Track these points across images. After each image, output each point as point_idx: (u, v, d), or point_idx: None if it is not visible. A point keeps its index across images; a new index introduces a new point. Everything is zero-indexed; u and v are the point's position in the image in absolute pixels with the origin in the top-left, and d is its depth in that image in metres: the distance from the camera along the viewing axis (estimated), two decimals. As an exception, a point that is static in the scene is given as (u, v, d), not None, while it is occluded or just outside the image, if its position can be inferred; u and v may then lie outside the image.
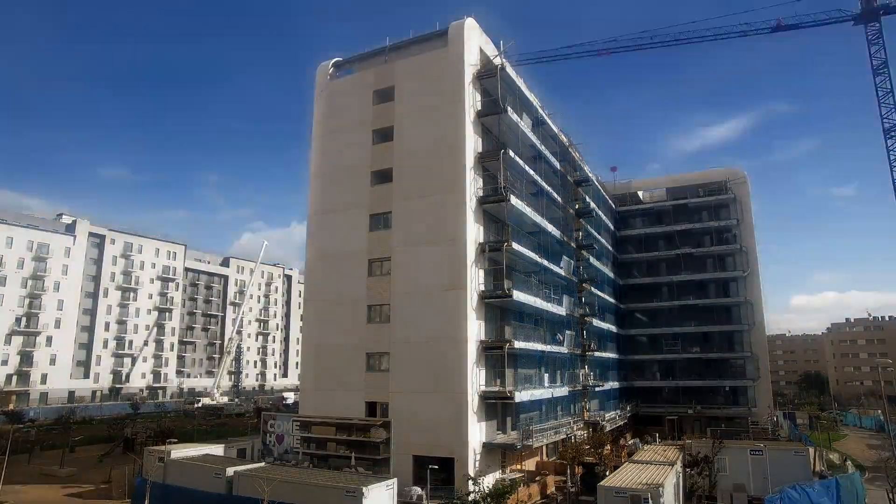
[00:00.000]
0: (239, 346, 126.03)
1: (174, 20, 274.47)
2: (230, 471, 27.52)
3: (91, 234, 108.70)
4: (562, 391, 46.20)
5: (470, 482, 28.76)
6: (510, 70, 41.48)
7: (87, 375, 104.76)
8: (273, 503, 24.63)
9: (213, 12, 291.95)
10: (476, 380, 35.27)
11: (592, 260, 58.76)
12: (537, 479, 37.10)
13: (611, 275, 68.92)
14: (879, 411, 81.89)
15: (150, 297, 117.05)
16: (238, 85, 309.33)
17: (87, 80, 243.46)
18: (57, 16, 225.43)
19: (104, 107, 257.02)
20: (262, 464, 29.42)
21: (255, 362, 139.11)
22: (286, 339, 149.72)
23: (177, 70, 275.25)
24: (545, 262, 42.67)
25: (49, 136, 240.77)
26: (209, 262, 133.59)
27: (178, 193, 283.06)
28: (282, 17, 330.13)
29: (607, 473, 34.75)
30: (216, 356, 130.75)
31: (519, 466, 38.02)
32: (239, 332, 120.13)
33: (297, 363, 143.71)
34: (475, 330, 35.92)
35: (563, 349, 47.21)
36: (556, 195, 48.88)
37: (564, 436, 45.34)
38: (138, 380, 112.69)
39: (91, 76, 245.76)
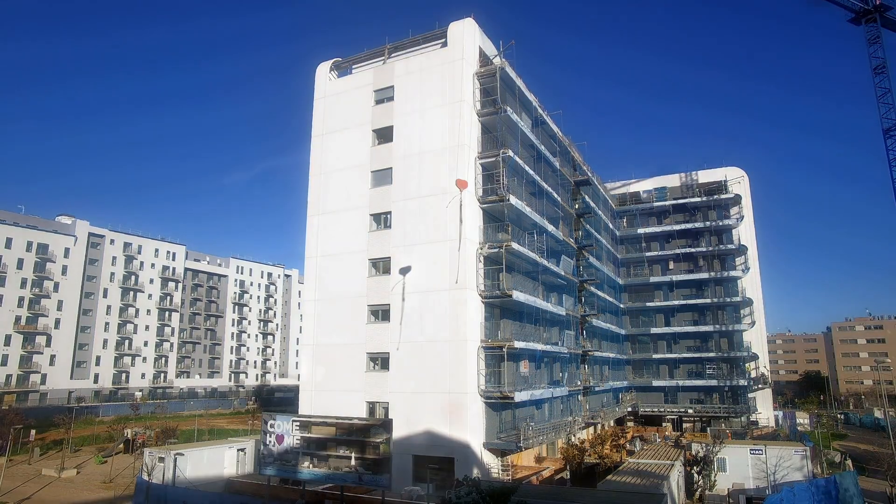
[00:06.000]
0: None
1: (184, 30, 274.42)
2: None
3: (91, 235, 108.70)
4: (562, 391, 46.23)
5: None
6: (510, 70, 41.51)
7: (87, 376, 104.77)
8: (273, 503, 24.69)
9: (212, 11, 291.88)
10: (476, 380, 35.31)
11: (592, 259, 58.79)
12: (537, 478, 37.05)
13: (611, 274, 68.97)
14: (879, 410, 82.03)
15: (150, 297, 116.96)
16: (235, 85, 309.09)
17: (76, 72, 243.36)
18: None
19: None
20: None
21: (256, 362, 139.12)
22: (286, 339, 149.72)
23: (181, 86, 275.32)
24: (545, 262, 42.69)
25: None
26: (209, 262, 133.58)
27: (177, 194, 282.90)
28: (282, 17, 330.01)
29: (607, 472, 34.88)
30: (218, 357, 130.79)
31: (519, 465, 37.99)
32: None
33: (297, 363, 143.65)
34: (475, 330, 35.95)
35: (563, 349, 47.24)
36: (555, 195, 48.92)
37: (564, 435, 45.40)
38: (139, 380, 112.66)
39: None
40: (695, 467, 36.85)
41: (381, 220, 40.61)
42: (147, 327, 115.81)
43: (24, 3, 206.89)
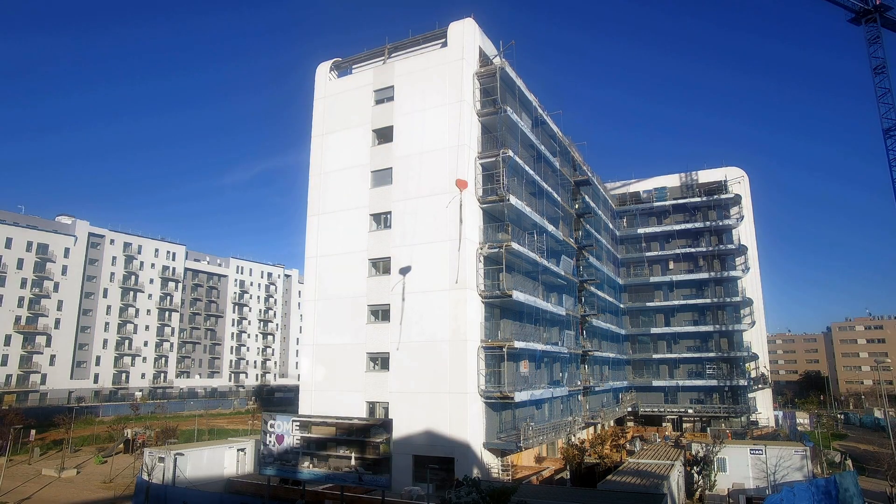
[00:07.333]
0: None
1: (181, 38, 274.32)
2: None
3: (91, 235, 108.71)
4: (562, 391, 46.22)
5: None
6: (510, 70, 41.51)
7: (87, 376, 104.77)
8: (273, 503, 24.67)
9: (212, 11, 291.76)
10: (476, 380, 35.31)
11: (592, 259, 58.80)
12: (537, 478, 37.07)
13: (611, 274, 68.98)
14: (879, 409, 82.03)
15: (150, 297, 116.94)
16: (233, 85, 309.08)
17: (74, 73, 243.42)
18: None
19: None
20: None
21: (256, 362, 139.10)
22: (286, 339, 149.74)
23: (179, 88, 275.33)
24: (545, 262, 42.70)
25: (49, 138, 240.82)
26: (209, 262, 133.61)
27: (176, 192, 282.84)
28: (282, 18, 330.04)
29: (607, 472, 34.88)
30: (218, 357, 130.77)
31: (519, 465, 37.99)
32: None
33: (297, 363, 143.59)
34: (475, 330, 35.95)
35: (563, 349, 47.24)
36: (555, 195, 48.94)
37: (564, 435, 45.40)
38: (139, 380, 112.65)
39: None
40: (695, 467, 36.87)
41: (381, 220, 40.61)
42: (147, 327, 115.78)
43: (24, 3, 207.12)
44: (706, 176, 76.39)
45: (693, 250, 73.45)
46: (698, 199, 74.55)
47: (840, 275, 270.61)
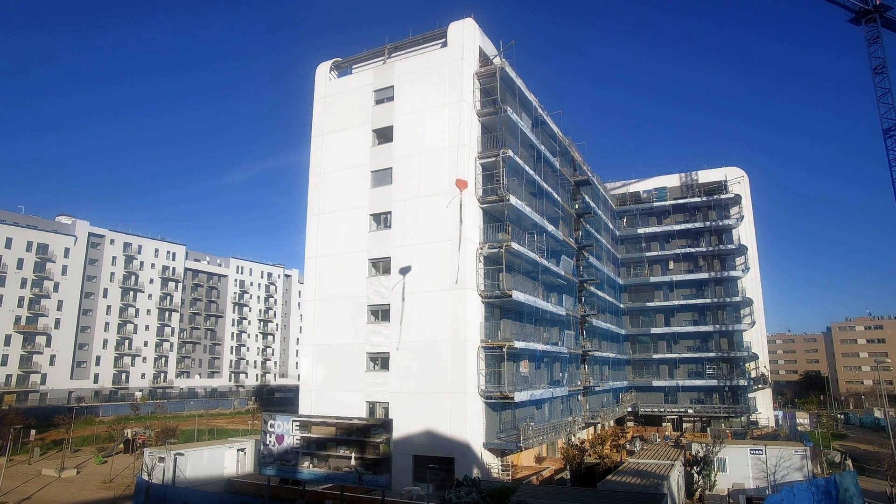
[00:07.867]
0: None
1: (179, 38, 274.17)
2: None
3: (91, 235, 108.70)
4: (562, 391, 46.22)
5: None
6: (510, 70, 41.50)
7: (87, 376, 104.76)
8: (273, 503, 24.68)
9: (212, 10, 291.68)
10: (476, 380, 35.31)
11: (592, 259, 58.79)
12: (537, 478, 37.06)
13: (611, 274, 68.97)
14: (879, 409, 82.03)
15: (150, 297, 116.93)
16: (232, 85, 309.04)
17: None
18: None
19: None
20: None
21: (256, 362, 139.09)
22: (286, 339, 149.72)
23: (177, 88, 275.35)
24: (545, 262, 42.70)
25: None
26: (209, 262, 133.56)
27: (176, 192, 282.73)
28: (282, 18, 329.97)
29: (607, 472, 34.88)
30: (218, 357, 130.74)
31: (519, 465, 37.99)
32: None
33: (297, 363, 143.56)
34: (475, 330, 35.95)
35: (563, 349, 47.24)
36: (555, 195, 48.94)
37: (564, 435, 45.40)
38: (139, 380, 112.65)
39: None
40: (695, 467, 36.88)
41: (381, 220, 40.61)
42: (147, 327, 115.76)
43: (24, 3, 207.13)
44: (706, 176, 76.38)
45: (693, 250, 73.45)
46: (698, 199, 74.54)
47: (840, 275, 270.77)
